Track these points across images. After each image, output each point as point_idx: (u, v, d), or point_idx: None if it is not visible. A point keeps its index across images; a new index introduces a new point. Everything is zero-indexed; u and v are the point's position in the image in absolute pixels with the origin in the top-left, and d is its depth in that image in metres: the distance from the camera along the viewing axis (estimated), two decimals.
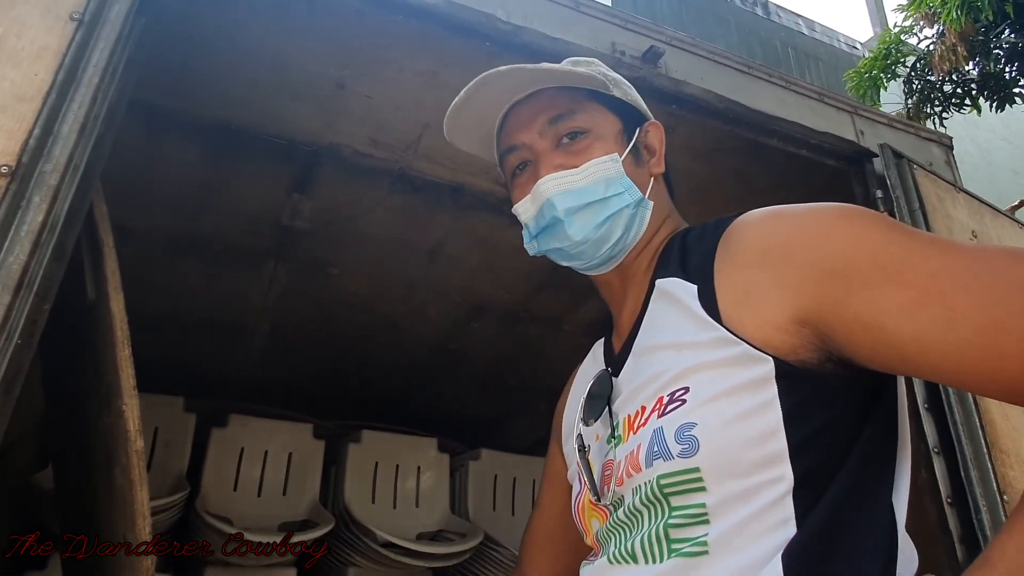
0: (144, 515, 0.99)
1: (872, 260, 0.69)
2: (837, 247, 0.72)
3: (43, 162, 0.92)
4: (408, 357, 3.22)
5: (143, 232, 2.40)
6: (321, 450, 2.91)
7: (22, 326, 0.86)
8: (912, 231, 0.73)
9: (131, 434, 1.00)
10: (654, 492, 0.73)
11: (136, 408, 1.02)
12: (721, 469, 0.70)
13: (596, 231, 0.87)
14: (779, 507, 0.69)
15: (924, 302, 0.66)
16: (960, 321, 0.64)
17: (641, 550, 0.74)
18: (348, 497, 2.76)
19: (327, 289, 2.77)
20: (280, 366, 3.26)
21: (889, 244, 0.70)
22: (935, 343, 0.65)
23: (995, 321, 0.63)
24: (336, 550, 2.71)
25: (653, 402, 0.77)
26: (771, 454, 0.70)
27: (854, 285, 0.69)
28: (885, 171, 1.75)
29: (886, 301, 0.67)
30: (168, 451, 2.62)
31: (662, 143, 0.95)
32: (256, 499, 2.72)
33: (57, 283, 0.93)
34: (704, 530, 0.70)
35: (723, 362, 0.73)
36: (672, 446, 0.72)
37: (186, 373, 3.17)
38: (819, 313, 0.70)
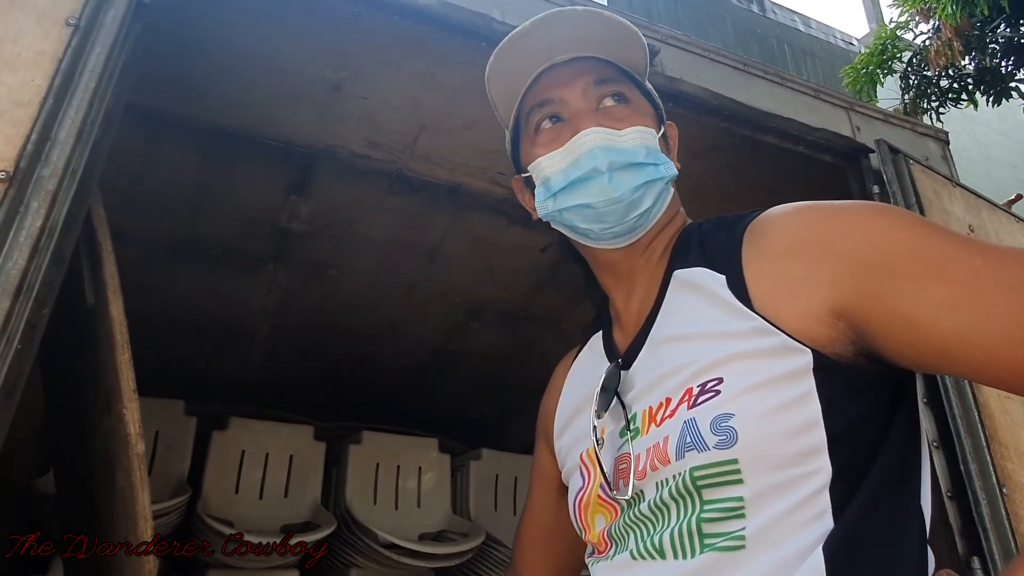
0: (146, 517, 0.99)
1: (912, 255, 0.69)
2: (876, 240, 0.71)
3: (41, 167, 0.93)
4: (408, 358, 3.22)
5: (142, 236, 2.40)
6: (322, 452, 2.91)
7: (22, 331, 0.86)
8: (949, 230, 0.73)
9: (132, 437, 1.00)
10: (686, 485, 0.72)
11: (136, 411, 1.02)
12: (760, 461, 0.69)
13: (632, 193, 0.83)
14: (816, 500, 0.68)
15: (966, 298, 0.66)
16: (1002, 318, 0.64)
17: (671, 545, 0.72)
18: (350, 498, 2.76)
19: (326, 291, 2.77)
20: (280, 368, 3.27)
21: (928, 239, 0.70)
22: (976, 339, 0.65)
23: None
24: (338, 551, 2.71)
25: (680, 393, 0.76)
26: (810, 447, 0.69)
27: (895, 279, 0.69)
28: (881, 166, 1.75)
29: (928, 296, 0.67)
30: (169, 454, 2.62)
31: (676, 144, 0.95)
32: (258, 501, 2.72)
33: (56, 288, 0.93)
34: (741, 524, 0.69)
35: (760, 352, 0.72)
36: (708, 437, 0.71)
37: (187, 376, 3.17)
38: (858, 306, 0.70)
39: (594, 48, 0.87)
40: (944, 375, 1.48)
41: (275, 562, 2.57)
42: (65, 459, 1.63)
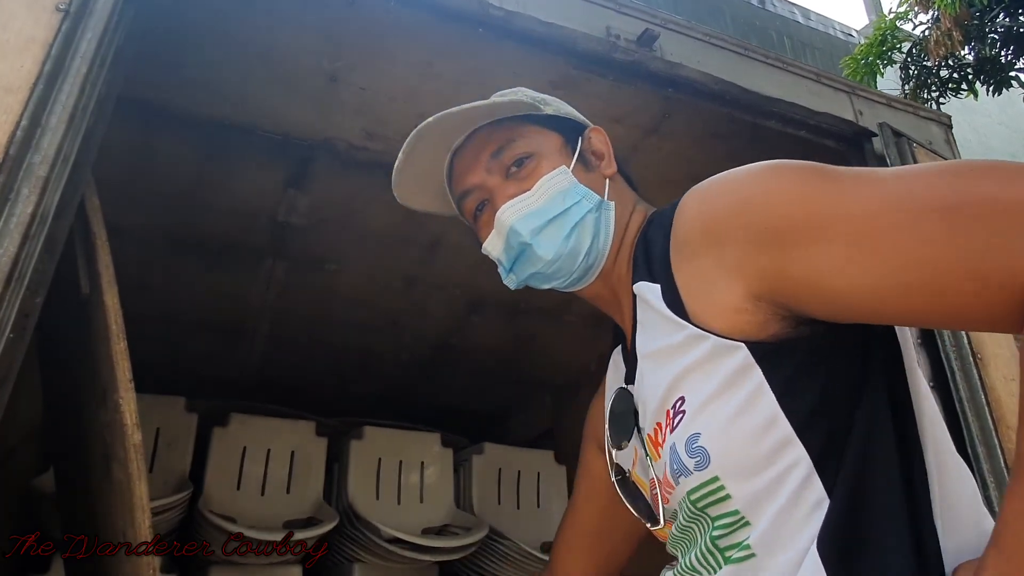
0: (144, 508, 0.97)
1: (797, 220, 0.69)
2: (765, 214, 0.71)
3: (32, 153, 0.91)
4: (409, 352, 3.21)
5: (140, 231, 2.38)
6: (324, 447, 2.90)
7: (14, 319, 0.85)
8: (840, 175, 0.70)
9: (128, 428, 0.99)
10: (691, 508, 0.73)
11: (133, 401, 1.00)
12: (737, 472, 0.69)
13: (565, 244, 0.85)
14: (809, 490, 0.67)
15: (852, 255, 0.65)
16: (890, 268, 0.63)
17: (699, 564, 0.74)
18: (352, 494, 2.75)
19: (326, 286, 2.75)
20: (281, 364, 3.25)
21: (814, 197, 0.69)
22: (873, 294, 0.65)
23: (925, 261, 0.62)
24: (341, 547, 2.70)
25: (663, 417, 0.76)
26: (779, 441, 0.68)
27: (785, 250, 0.68)
28: (885, 150, 1.73)
29: (818, 261, 0.67)
30: (170, 451, 2.61)
31: (608, 145, 0.95)
32: (260, 497, 2.71)
33: (49, 277, 0.92)
34: (746, 533, 0.69)
35: (702, 360, 0.72)
36: (687, 461, 0.72)
37: (187, 373, 3.16)
38: (766, 284, 0.70)
39: (482, 115, 0.89)
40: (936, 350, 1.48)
41: (277, 559, 2.56)
42: (64, 455, 1.62)
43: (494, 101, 0.90)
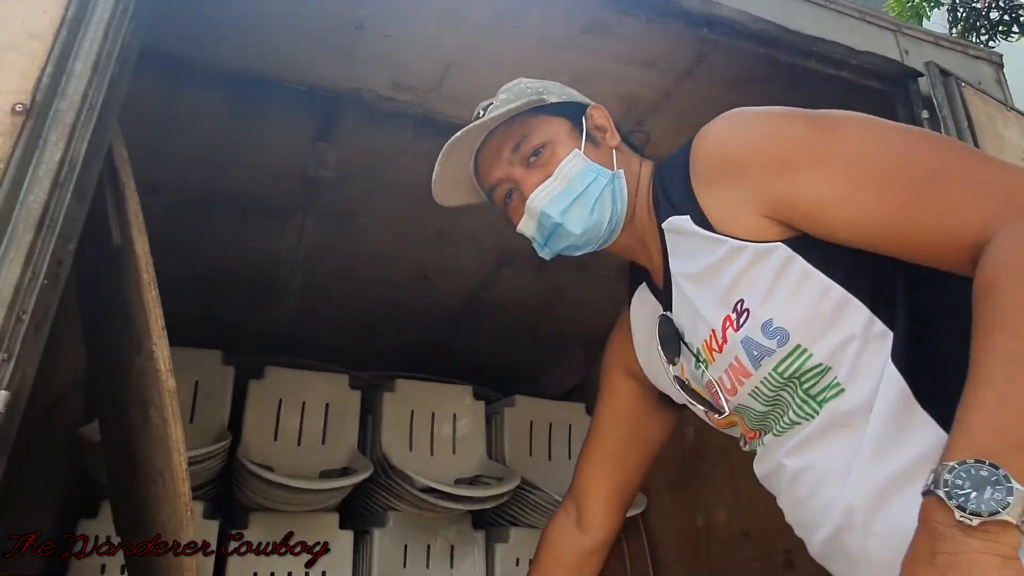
0: (180, 451, 1.00)
1: (808, 150, 0.82)
2: (776, 146, 0.84)
3: (58, 100, 0.91)
4: (440, 307, 3.22)
5: (172, 188, 2.40)
6: (357, 400, 2.94)
7: (47, 266, 0.86)
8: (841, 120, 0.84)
9: (162, 373, 1.00)
10: (778, 380, 0.86)
11: (166, 348, 1.02)
12: (813, 334, 0.83)
13: (591, 218, 0.99)
14: (872, 328, 0.81)
15: (847, 191, 0.79)
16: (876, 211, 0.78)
17: (799, 415, 0.87)
18: (386, 444, 2.80)
19: (356, 241, 2.76)
20: (314, 320, 3.29)
21: (820, 134, 0.83)
22: (858, 227, 0.79)
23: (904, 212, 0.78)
24: (376, 496, 2.76)
25: (721, 323, 0.89)
26: (836, 302, 0.82)
27: (795, 175, 0.82)
28: (931, 90, 1.65)
29: (819, 187, 0.81)
30: (209, 402, 2.67)
31: (608, 119, 1.07)
32: (296, 448, 2.77)
33: (80, 224, 0.92)
34: (833, 375, 0.83)
35: (748, 266, 0.85)
36: (768, 343, 0.85)
37: (223, 329, 3.21)
38: (778, 208, 0.84)
39: (498, 119, 1.02)
40: None
41: (315, 506, 2.63)
42: (106, 403, 1.66)
43: (508, 107, 1.01)
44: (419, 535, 2.78)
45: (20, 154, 0.85)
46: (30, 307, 0.83)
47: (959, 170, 0.77)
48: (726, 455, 2.47)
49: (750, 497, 2.33)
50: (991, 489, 0.59)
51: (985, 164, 0.78)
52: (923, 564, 0.61)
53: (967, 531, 0.59)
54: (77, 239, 0.91)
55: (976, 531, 0.58)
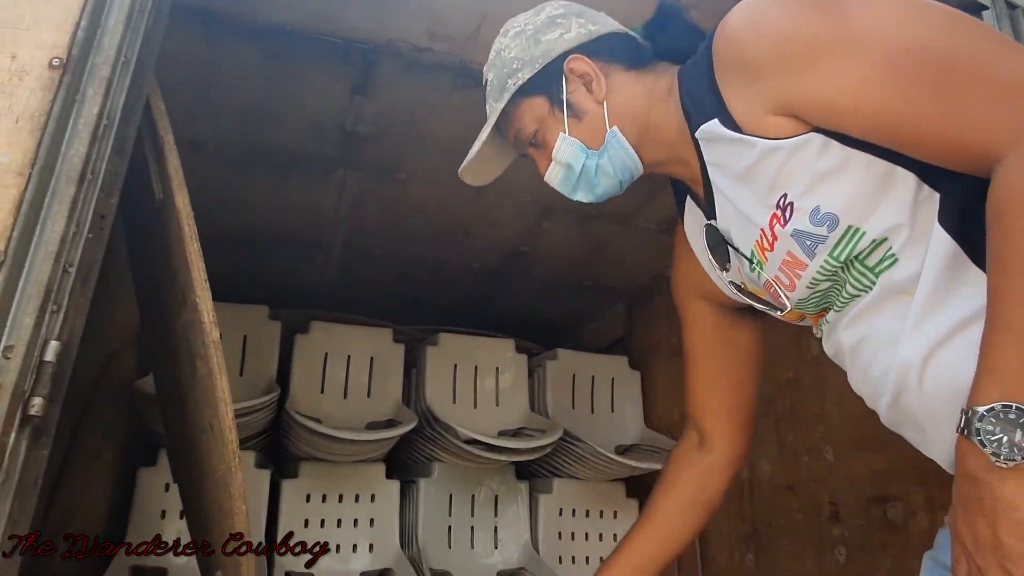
0: (226, 401, 1.02)
1: (825, 43, 0.78)
2: (792, 43, 0.80)
3: (93, 54, 0.92)
4: (481, 261, 3.22)
5: (213, 146, 2.43)
6: (401, 353, 2.99)
7: (90, 220, 0.87)
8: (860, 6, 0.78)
9: (206, 325, 1.03)
10: (833, 266, 0.85)
11: (209, 300, 1.04)
12: (863, 212, 0.81)
13: (599, 187, 1.03)
14: (921, 194, 0.80)
15: (861, 89, 0.76)
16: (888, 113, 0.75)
17: (857, 288, 0.86)
18: (430, 397, 2.84)
19: (396, 196, 2.76)
20: (357, 276, 3.33)
21: (836, 25, 0.78)
22: (875, 126, 0.77)
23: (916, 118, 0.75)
24: (421, 447, 2.81)
25: (768, 221, 0.88)
26: (882, 174, 0.80)
27: (810, 70, 0.79)
28: (996, 23, 1.55)
29: (836, 80, 0.77)
30: (257, 357, 2.75)
31: (589, 64, 1.01)
32: (342, 400, 2.84)
33: (120, 178, 0.94)
34: (887, 247, 0.82)
35: (784, 160, 0.83)
36: (820, 231, 0.83)
37: (269, 285, 3.28)
38: (795, 111, 0.82)
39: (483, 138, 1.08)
40: None
41: (362, 456, 2.70)
42: (158, 357, 1.71)
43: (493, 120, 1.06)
44: (464, 485, 2.84)
45: (59, 108, 0.87)
46: (76, 260, 0.85)
47: (977, 72, 0.71)
48: (771, 406, 2.44)
49: (795, 450, 2.31)
50: (1021, 432, 0.63)
51: (1009, 65, 0.71)
52: (972, 512, 0.65)
53: (1004, 475, 0.64)
54: (118, 193, 0.92)
55: (1013, 472, 0.63)
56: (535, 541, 2.81)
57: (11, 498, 0.75)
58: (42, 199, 0.82)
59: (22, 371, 0.75)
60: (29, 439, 0.78)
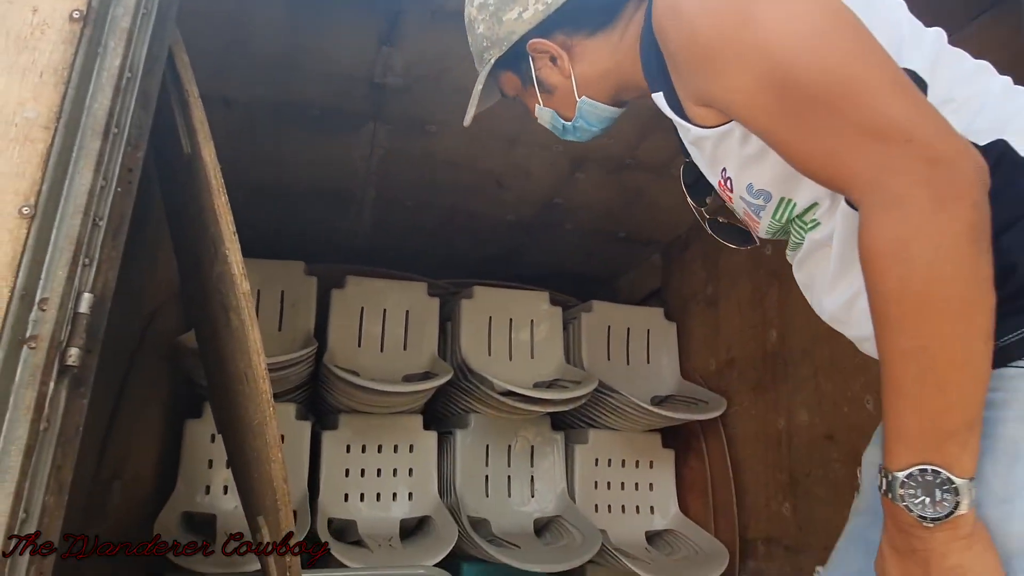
0: (258, 352, 1.04)
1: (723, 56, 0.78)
2: (692, 46, 0.81)
3: (113, 6, 0.91)
4: (515, 214, 3.20)
5: (243, 102, 2.43)
6: (436, 307, 3.00)
7: (118, 174, 0.88)
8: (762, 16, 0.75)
9: (236, 277, 1.03)
10: (777, 224, 0.92)
11: (238, 252, 1.04)
12: (790, 185, 0.85)
13: (585, 136, 1.11)
14: None
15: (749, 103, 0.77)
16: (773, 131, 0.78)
17: (797, 239, 0.92)
18: (465, 350, 2.86)
19: (427, 148, 2.74)
20: (390, 230, 3.34)
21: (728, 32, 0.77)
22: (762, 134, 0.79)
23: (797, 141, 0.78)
24: (458, 399, 2.85)
25: (718, 185, 0.95)
26: None
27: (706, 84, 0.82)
28: None
29: (732, 96, 0.79)
30: (295, 311, 2.79)
31: (550, 46, 1.01)
32: (379, 354, 2.88)
33: (146, 131, 0.94)
34: (815, 211, 0.87)
35: (715, 145, 0.88)
36: (758, 201, 0.90)
37: (304, 240, 3.31)
38: (709, 103, 0.84)
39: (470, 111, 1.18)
40: None
41: (399, 408, 2.75)
42: (196, 311, 1.75)
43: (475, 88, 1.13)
44: (500, 436, 2.87)
45: (81, 61, 0.86)
46: (105, 213, 0.86)
47: (848, 110, 0.70)
48: (810, 357, 2.40)
49: (834, 399, 2.28)
50: (940, 492, 0.67)
51: (879, 105, 0.70)
52: (906, 558, 0.71)
53: (931, 530, 0.68)
54: (145, 146, 0.92)
55: (939, 528, 0.68)
56: (571, 490, 2.85)
57: (55, 444, 0.78)
58: (69, 153, 0.83)
59: (57, 323, 0.77)
60: (68, 389, 0.80)
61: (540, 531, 2.87)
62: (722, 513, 2.76)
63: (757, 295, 2.73)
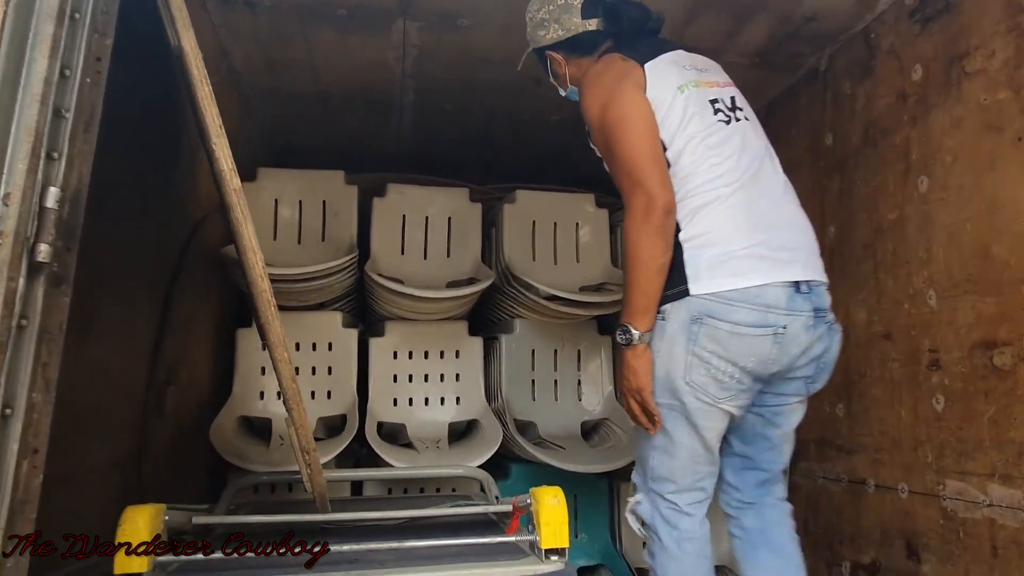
0: (254, 250, 1.01)
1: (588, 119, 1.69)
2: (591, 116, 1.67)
3: None
4: (557, 113, 3.05)
5: (268, 5, 2.35)
6: (479, 213, 2.95)
7: (83, 62, 0.84)
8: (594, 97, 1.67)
9: (226, 173, 1.00)
10: None
11: (226, 147, 1.00)
12: None
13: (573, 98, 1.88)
14: None
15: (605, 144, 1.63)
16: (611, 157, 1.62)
17: None
18: (508, 255, 2.82)
19: (461, 46, 2.61)
20: (431, 134, 3.26)
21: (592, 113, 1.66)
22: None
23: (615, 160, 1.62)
24: (503, 305, 2.83)
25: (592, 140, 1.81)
26: None
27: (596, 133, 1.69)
28: None
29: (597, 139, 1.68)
30: (337, 221, 2.79)
31: (557, 58, 1.87)
32: (423, 261, 2.86)
33: (113, 17, 0.89)
34: None
35: None
36: None
37: (346, 151, 3.28)
38: None
39: None
40: None
41: (444, 314, 2.75)
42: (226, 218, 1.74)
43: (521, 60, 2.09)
44: (546, 341, 2.85)
45: None
46: (72, 104, 0.82)
47: (618, 156, 1.58)
48: (871, 252, 2.25)
49: (895, 297, 2.14)
50: (626, 334, 1.54)
51: (621, 153, 1.57)
52: (621, 362, 1.60)
53: (625, 349, 1.57)
54: (113, 33, 0.87)
55: (628, 348, 1.55)
56: (618, 394, 2.82)
57: (35, 340, 0.77)
58: (23, 40, 0.78)
59: (21, 217, 0.75)
60: (46, 286, 0.79)
61: (588, 434, 2.88)
62: None
63: (817, 188, 2.55)
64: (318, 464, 1.23)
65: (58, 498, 1.60)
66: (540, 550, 1.32)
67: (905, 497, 2.04)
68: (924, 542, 1.96)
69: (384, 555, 1.34)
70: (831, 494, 2.37)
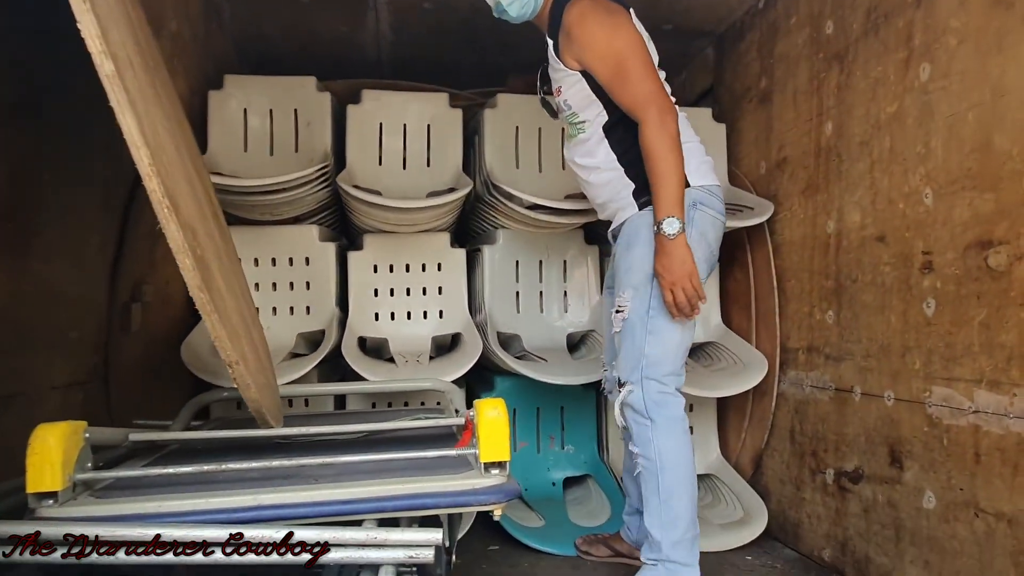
0: (136, 144, 0.91)
1: (598, 51, 1.87)
2: (586, 39, 1.87)
3: None
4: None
5: None
6: (459, 119, 2.80)
7: None
8: (613, 30, 1.86)
9: (96, 56, 0.89)
10: (566, 121, 2.06)
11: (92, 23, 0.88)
12: (581, 106, 1.96)
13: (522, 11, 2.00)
14: (603, 116, 1.95)
15: (608, 73, 1.87)
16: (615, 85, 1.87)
17: (569, 135, 2.08)
18: (490, 163, 2.69)
19: None
20: (412, 39, 3.09)
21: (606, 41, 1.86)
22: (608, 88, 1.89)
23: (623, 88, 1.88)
24: (485, 215, 2.73)
25: (556, 91, 2.04)
26: (590, 98, 1.94)
27: (591, 60, 1.88)
28: None
29: (598, 68, 1.88)
30: (310, 131, 2.67)
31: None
32: (402, 171, 2.75)
33: None
34: (584, 126, 1.99)
35: (565, 79, 1.96)
36: (564, 107, 2.02)
37: (321, 58, 3.11)
38: (581, 62, 1.91)
39: None
40: None
41: (424, 225, 2.66)
42: None
43: None
44: (530, 251, 2.76)
45: None
46: None
47: (632, 77, 1.83)
48: (867, 149, 2.10)
49: (890, 197, 2.00)
50: (673, 225, 1.77)
51: (636, 74, 1.83)
52: (665, 254, 1.79)
53: (669, 239, 1.77)
54: None
55: (674, 239, 1.77)
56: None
57: None
58: None
59: None
60: None
61: (578, 345, 2.82)
62: (764, 323, 2.60)
63: (814, 83, 2.38)
64: (245, 378, 1.17)
65: (8, 416, 1.58)
66: (479, 464, 1.27)
67: (891, 404, 1.96)
68: (907, 449, 1.90)
69: (319, 470, 1.30)
70: (817, 402, 2.30)
